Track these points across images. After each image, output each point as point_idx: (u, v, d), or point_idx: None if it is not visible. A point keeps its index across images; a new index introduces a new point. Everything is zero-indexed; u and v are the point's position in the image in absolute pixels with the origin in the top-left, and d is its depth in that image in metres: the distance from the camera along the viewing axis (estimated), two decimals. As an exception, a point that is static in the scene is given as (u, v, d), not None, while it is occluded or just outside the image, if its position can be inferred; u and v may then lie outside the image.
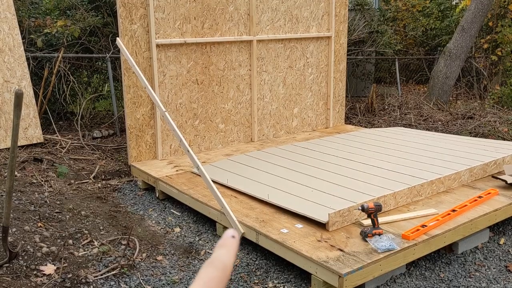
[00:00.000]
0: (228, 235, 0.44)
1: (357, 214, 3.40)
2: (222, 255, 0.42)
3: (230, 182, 4.21)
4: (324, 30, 6.29)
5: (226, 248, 0.43)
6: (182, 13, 5.03)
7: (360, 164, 4.60)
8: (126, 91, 4.85)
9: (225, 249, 0.43)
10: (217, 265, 0.41)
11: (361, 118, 7.67)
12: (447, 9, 11.04)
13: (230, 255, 0.42)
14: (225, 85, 5.50)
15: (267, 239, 3.28)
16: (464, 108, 8.20)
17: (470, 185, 4.15)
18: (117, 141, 6.28)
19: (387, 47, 9.44)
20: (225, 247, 0.43)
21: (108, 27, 6.97)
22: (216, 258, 0.42)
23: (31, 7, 6.99)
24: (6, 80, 5.41)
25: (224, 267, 0.41)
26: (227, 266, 0.41)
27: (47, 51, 6.45)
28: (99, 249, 3.45)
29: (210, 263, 0.42)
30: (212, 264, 0.41)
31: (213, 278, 0.40)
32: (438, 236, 3.23)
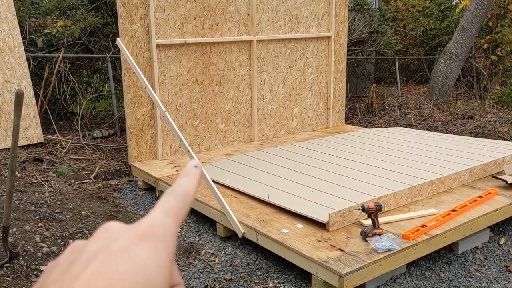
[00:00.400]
0: (191, 165, 0.44)
1: (357, 214, 3.40)
2: (184, 182, 0.42)
3: (230, 182, 4.21)
4: (324, 30, 6.29)
5: (189, 177, 0.43)
6: (182, 13, 5.03)
7: (360, 164, 4.60)
8: (127, 91, 4.85)
9: (188, 178, 0.42)
10: (178, 192, 0.41)
11: (361, 118, 7.67)
12: (447, 9, 11.05)
13: (192, 184, 0.42)
14: (225, 85, 5.51)
15: (267, 239, 3.28)
16: (464, 108, 8.20)
17: (470, 185, 4.15)
18: (117, 141, 6.28)
19: (387, 47, 9.44)
20: (187, 176, 0.43)
21: (108, 27, 6.97)
22: (177, 185, 0.42)
23: (32, 7, 6.99)
24: (6, 80, 5.42)
25: (186, 194, 0.41)
26: (188, 194, 0.41)
27: (47, 51, 6.45)
28: (100, 249, 3.45)
29: (172, 191, 0.41)
30: (173, 192, 0.41)
31: (173, 204, 0.40)
32: (438, 236, 3.23)
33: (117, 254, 0.35)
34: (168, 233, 0.38)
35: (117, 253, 0.35)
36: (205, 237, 3.82)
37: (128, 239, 0.37)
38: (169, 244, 0.38)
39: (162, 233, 0.38)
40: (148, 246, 0.36)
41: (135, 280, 0.34)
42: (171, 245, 0.38)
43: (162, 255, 0.37)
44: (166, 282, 0.37)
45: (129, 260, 0.35)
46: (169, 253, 0.38)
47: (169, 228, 0.39)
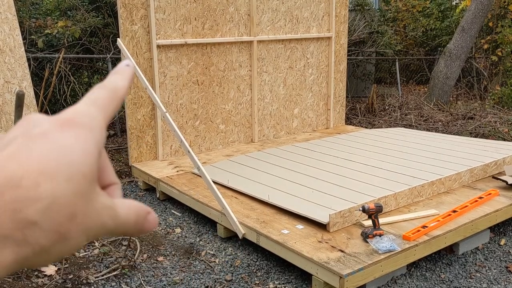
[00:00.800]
0: (123, 64, 0.43)
1: (357, 215, 3.40)
2: (115, 79, 0.41)
3: (230, 183, 4.22)
4: (324, 31, 6.30)
5: (120, 74, 0.41)
6: (183, 14, 5.04)
7: (361, 165, 4.61)
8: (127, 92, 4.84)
9: (119, 75, 0.41)
10: (107, 86, 0.39)
11: (361, 118, 7.67)
12: (447, 10, 11.05)
13: (123, 81, 0.41)
14: (226, 86, 5.51)
15: (267, 240, 3.28)
16: (464, 108, 8.20)
17: (470, 186, 4.15)
18: (117, 142, 6.28)
19: (387, 47, 9.44)
20: (118, 74, 0.41)
21: (108, 28, 6.97)
22: (107, 81, 0.40)
23: (32, 7, 6.99)
24: (6, 80, 5.42)
25: (115, 89, 0.40)
26: (118, 89, 0.40)
27: (47, 52, 6.46)
28: (100, 250, 3.46)
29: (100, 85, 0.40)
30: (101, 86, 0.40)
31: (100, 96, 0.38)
32: (438, 237, 3.23)
33: (35, 138, 0.33)
34: (93, 122, 0.36)
35: (36, 137, 0.33)
36: (205, 238, 3.82)
37: (48, 126, 0.34)
38: (95, 134, 0.36)
39: (87, 121, 0.36)
40: (70, 132, 0.34)
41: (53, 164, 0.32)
42: (98, 135, 0.36)
43: (87, 142, 0.34)
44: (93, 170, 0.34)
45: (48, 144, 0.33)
46: (96, 142, 0.35)
47: (95, 118, 0.37)
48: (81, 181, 0.33)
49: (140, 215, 0.38)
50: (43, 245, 0.31)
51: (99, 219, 0.35)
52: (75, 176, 0.33)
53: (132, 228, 0.38)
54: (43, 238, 0.31)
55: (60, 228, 0.32)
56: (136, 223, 0.38)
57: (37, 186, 0.31)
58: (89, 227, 0.34)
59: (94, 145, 0.35)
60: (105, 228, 0.35)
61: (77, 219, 0.33)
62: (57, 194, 0.31)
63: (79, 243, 0.34)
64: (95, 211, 0.34)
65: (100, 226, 0.35)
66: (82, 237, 0.34)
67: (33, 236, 0.31)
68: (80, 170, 0.33)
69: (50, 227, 0.31)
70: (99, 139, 0.36)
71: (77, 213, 0.33)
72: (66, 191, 0.32)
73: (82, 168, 0.33)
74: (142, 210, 0.38)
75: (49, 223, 0.31)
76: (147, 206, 0.39)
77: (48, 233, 0.31)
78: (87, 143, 0.34)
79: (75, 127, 0.35)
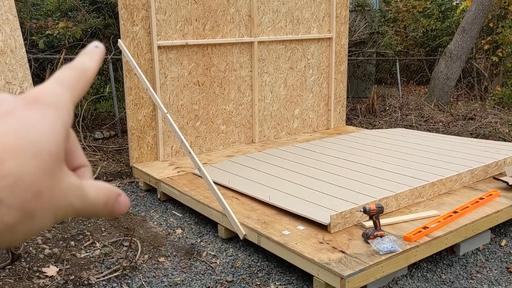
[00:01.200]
0: (92, 45, 0.42)
1: (358, 215, 3.40)
2: (83, 59, 0.40)
3: (231, 184, 4.22)
4: (325, 31, 6.30)
5: (89, 55, 0.41)
6: (184, 15, 5.04)
7: (362, 166, 4.61)
8: (128, 92, 4.86)
9: (88, 56, 0.41)
10: (75, 67, 0.39)
11: (362, 119, 7.67)
12: (448, 10, 11.05)
13: (91, 61, 0.40)
14: (226, 87, 5.51)
15: (268, 241, 3.28)
16: (465, 109, 8.21)
17: (471, 187, 4.15)
18: (118, 142, 6.29)
19: (387, 48, 9.45)
20: (87, 54, 0.41)
21: (109, 29, 6.98)
22: (75, 61, 0.40)
23: (33, 8, 7.00)
24: (8, 81, 5.42)
25: (83, 69, 0.39)
26: (86, 69, 0.39)
27: (48, 53, 6.46)
28: (101, 251, 3.46)
29: (68, 66, 0.39)
30: (69, 66, 0.39)
31: (68, 76, 0.38)
32: (439, 237, 3.23)
33: (1, 116, 0.33)
34: (60, 102, 0.36)
35: (1, 116, 0.33)
36: (206, 239, 3.82)
37: (14, 104, 0.34)
38: (62, 112, 0.35)
39: (53, 100, 0.35)
40: (35, 110, 0.34)
41: (18, 142, 0.31)
42: (65, 114, 0.36)
43: (53, 120, 0.34)
44: (59, 149, 0.34)
45: (13, 122, 0.32)
46: (62, 121, 0.35)
47: (62, 97, 0.36)
48: (46, 159, 0.33)
49: (110, 196, 0.38)
50: (9, 223, 0.31)
51: (66, 199, 0.34)
52: (41, 154, 0.32)
53: (101, 209, 0.38)
54: (8, 215, 0.31)
55: (25, 205, 0.31)
56: (106, 205, 0.38)
57: (2, 163, 0.31)
58: (56, 206, 0.34)
59: (60, 124, 0.35)
60: (73, 208, 0.35)
61: (43, 197, 0.32)
62: (22, 172, 0.31)
63: (46, 222, 0.33)
64: (62, 191, 0.34)
65: (67, 205, 0.35)
66: (49, 216, 0.33)
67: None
68: (46, 149, 0.33)
69: (15, 205, 0.31)
70: (66, 119, 0.36)
71: (42, 191, 0.32)
72: (32, 169, 0.32)
73: (48, 146, 0.33)
74: (112, 192, 0.38)
75: (14, 200, 0.31)
76: (117, 188, 0.39)
77: (14, 211, 0.31)
78: (53, 122, 0.34)
79: (42, 106, 0.34)
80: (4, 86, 5.42)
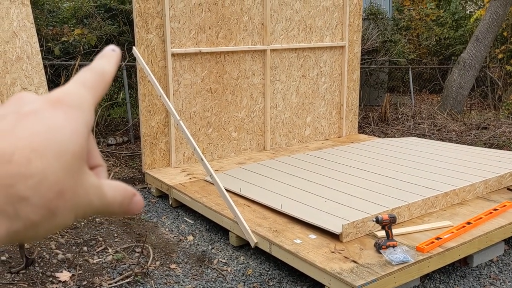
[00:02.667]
0: (109, 48, 0.43)
1: (371, 225, 3.39)
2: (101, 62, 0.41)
3: (243, 191, 4.23)
4: (338, 40, 6.31)
5: (106, 58, 0.42)
6: (197, 23, 5.09)
7: (374, 175, 4.59)
8: (142, 99, 4.90)
9: (105, 59, 0.41)
10: (95, 69, 0.40)
11: (374, 127, 7.65)
12: (461, 19, 11.00)
13: (109, 64, 0.41)
14: (239, 94, 5.54)
15: (280, 249, 3.28)
16: (478, 118, 8.14)
17: (485, 197, 4.11)
18: (131, 148, 6.34)
19: (400, 56, 9.42)
20: (105, 58, 0.42)
21: (124, 36, 7.06)
22: (94, 64, 0.41)
23: (49, 15, 7.10)
24: (24, 87, 5.51)
25: (102, 72, 0.40)
26: (105, 72, 0.40)
27: (64, 59, 6.55)
28: (114, 257, 3.49)
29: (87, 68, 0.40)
30: (89, 69, 0.40)
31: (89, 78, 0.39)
32: (453, 248, 3.21)
33: (26, 116, 0.33)
34: (83, 102, 0.36)
35: (27, 116, 0.33)
36: (217, 246, 3.83)
37: (39, 104, 0.35)
38: (85, 113, 0.36)
39: (76, 101, 0.36)
40: (60, 111, 0.34)
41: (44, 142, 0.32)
42: (88, 115, 0.36)
43: (76, 121, 0.35)
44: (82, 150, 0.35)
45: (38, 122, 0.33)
46: (85, 121, 0.36)
47: (84, 98, 0.37)
48: (70, 159, 0.33)
49: (126, 196, 0.39)
50: (34, 220, 0.32)
51: (87, 198, 0.35)
52: (65, 155, 0.33)
53: (117, 209, 0.38)
54: (33, 213, 0.32)
55: (49, 204, 0.32)
56: (121, 204, 0.38)
57: (29, 163, 0.31)
58: (77, 205, 0.35)
59: (83, 125, 0.35)
60: (92, 207, 0.36)
61: (66, 196, 0.33)
62: (47, 171, 0.32)
63: (67, 221, 0.34)
64: (83, 190, 0.35)
65: (87, 204, 0.36)
66: (70, 214, 0.34)
67: (24, 211, 0.32)
68: (70, 149, 0.34)
69: (40, 203, 0.32)
70: (88, 120, 0.36)
71: (65, 190, 0.33)
72: (56, 169, 0.33)
73: (72, 147, 0.34)
74: (128, 192, 0.39)
75: (39, 199, 0.32)
76: (133, 188, 0.40)
77: (38, 209, 0.32)
78: (77, 123, 0.35)
79: (65, 107, 0.35)
80: (20, 92, 5.49)
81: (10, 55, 5.29)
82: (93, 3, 7.17)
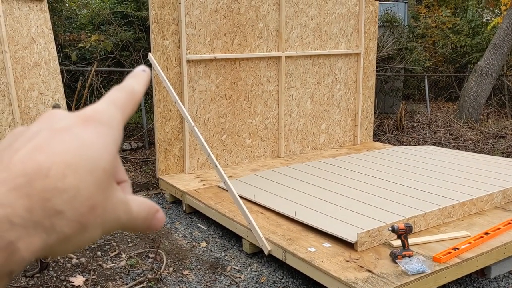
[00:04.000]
0: (139, 69, 0.44)
1: (386, 234, 3.34)
2: (131, 82, 0.42)
3: (256, 198, 4.21)
4: (353, 47, 6.28)
5: (136, 78, 0.43)
6: (213, 30, 5.10)
7: (389, 183, 4.54)
8: (156, 105, 4.92)
9: (135, 79, 0.43)
10: (125, 89, 0.41)
11: (389, 135, 7.58)
12: (478, 27, 10.89)
13: (139, 84, 0.42)
14: (253, 101, 5.53)
15: (294, 257, 3.25)
16: (495, 127, 8.02)
17: (503, 207, 4.04)
18: (145, 154, 6.37)
19: (416, 64, 9.35)
20: (135, 78, 0.43)
21: (139, 42, 7.12)
22: (124, 84, 0.42)
23: (67, 22, 7.20)
24: (41, 92, 5.57)
25: (132, 91, 0.41)
26: (135, 91, 0.41)
27: (80, 65, 6.62)
28: (127, 262, 3.49)
29: (118, 88, 0.41)
30: (119, 88, 0.41)
31: (119, 97, 0.40)
32: (470, 259, 3.14)
33: (60, 132, 0.35)
34: (113, 120, 0.37)
35: (60, 132, 0.35)
36: (231, 253, 3.81)
37: (71, 121, 0.36)
38: (114, 131, 0.37)
39: (107, 119, 0.37)
40: (91, 128, 0.36)
41: (77, 158, 0.33)
42: (117, 133, 0.37)
43: (107, 138, 0.36)
44: (112, 166, 0.36)
45: (71, 138, 0.34)
46: (114, 139, 0.37)
47: (114, 116, 0.38)
48: (101, 175, 0.34)
49: (150, 212, 0.40)
50: (67, 234, 0.33)
51: (115, 213, 0.36)
52: (96, 171, 0.34)
53: (141, 224, 0.39)
54: (67, 227, 0.33)
55: (82, 218, 0.33)
56: (145, 220, 0.39)
57: (64, 178, 0.32)
58: (106, 219, 0.35)
59: (113, 142, 0.36)
60: (118, 222, 0.37)
61: (97, 211, 0.34)
62: (80, 186, 0.33)
63: (96, 235, 0.35)
64: (112, 205, 0.36)
65: (115, 219, 0.36)
66: (99, 229, 0.35)
67: (59, 225, 0.32)
68: (101, 165, 0.34)
69: (73, 217, 0.33)
70: (117, 137, 0.37)
71: (96, 205, 0.34)
72: (88, 184, 0.34)
73: (103, 163, 0.35)
74: (152, 208, 0.40)
75: (73, 213, 0.33)
76: (156, 204, 0.40)
77: (72, 223, 0.33)
78: (107, 140, 0.36)
79: (97, 124, 0.36)
80: (38, 97, 5.57)
81: (28, 60, 5.36)
82: (110, 10, 7.24)
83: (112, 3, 7.41)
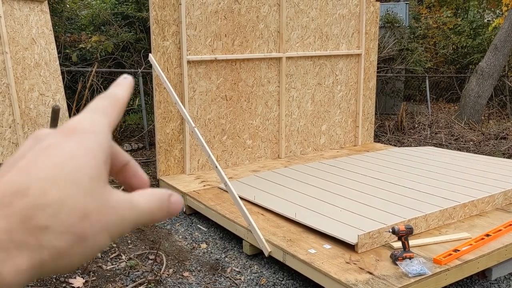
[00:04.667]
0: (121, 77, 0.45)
1: (387, 236, 3.33)
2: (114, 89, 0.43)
3: (257, 199, 4.20)
4: (354, 48, 6.27)
5: (120, 86, 0.43)
6: (213, 31, 5.10)
7: (390, 184, 4.53)
8: (157, 106, 4.92)
9: (119, 87, 0.43)
10: (108, 95, 0.42)
11: (390, 136, 7.57)
12: (479, 27, 10.87)
13: (122, 91, 0.43)
14: (254, 101, 5.53)
15: (294, 259, 3.24)
16: (496, 128, 8.01)
17: (504, 209, 4.03)
18: (146, 155, 6.36)
19: (417, 64, 9.34)
20: (118, 86, 0.43)
21: (140, 43, 7.11)
22: (107, 92, 0.43)
23: (67, 22, 7.20)
24: (41, 93, 5.57)
25: (116, 98, 0.42)
26: (118, 98, 0.42)
27: (81, 66, 6.62)
28: (127, 263, 3.48)
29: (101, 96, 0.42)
30: (102, 96, 0.42)
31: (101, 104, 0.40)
32: (471, 261, 3.13)
33: (43, 151, 0.35)
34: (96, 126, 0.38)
35: (43, 150, 0.35)
36: (231, 254, 3.80)
37: (54, 137, 0.36)
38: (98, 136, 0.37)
39: (88, 126, 0.37)
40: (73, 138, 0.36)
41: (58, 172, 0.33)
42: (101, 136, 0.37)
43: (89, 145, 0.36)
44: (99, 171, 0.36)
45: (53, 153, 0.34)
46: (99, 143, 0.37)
47: (98, 121, 0.38)
48: (87, 182, 0.34)
49: (162, 199, 0.39)
50: (60, 248, 0.33)
51: (117, 214, 0.36)
52: (82, 179, 0.34)
53: (157, 213, 0.39)
54: (57, 240, 0.32)
55: (73, 229, 0.33)
56: (160, 208, 0.39)
57: (45, 193, 0.33)
58: (107, 223, 0.35)
59: (97, 147, 0.36)
60: (127, 221, 0.36)
61: (91, 218, 0.34)
62: (64, 198, 0.33)
63: (101, 242, 0.35)
64: (111, 208, 0.35)
65: (119, 220, 0.36)
66: (103, 235, 0.35)
67: (47, 240, 0.32)
68: (86, 173, 0.34)
69: (62, 229, 0.33)
70: (104, 140, 0.37)
71: (89, 213, 0.34)
72: (74, 194, 0.33)
73: (88, 170, 0.35)
74: (163, 195, 0.39)
75: (61, 225, 0.33)
76: (167, 190, 0.39)
77: (62, 236, 0.32)
78: (90, 146, 0.36)
79: (77, 134, 0.36)
80: (38, 98, 5.56)
81: (28, 61, 5.36)
82: (111, 11, 7.24)
83: (112, 4, 7.41)
